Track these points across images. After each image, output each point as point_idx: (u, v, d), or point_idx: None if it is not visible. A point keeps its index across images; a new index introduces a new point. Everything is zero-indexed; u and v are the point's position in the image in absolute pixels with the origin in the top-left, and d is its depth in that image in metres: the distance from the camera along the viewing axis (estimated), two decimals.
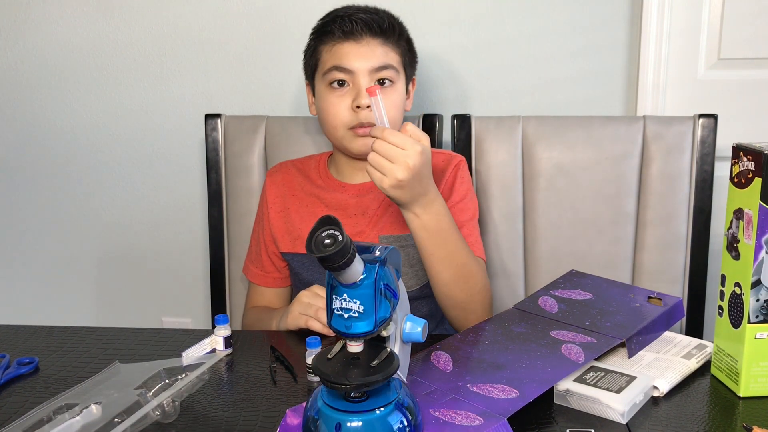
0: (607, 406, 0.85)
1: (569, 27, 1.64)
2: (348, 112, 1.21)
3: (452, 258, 1.10)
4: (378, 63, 1.21)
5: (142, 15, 1.74)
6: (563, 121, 1.47)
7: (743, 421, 0.85)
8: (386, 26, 1.22)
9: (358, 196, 1.29)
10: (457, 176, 1.29)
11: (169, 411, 0.87)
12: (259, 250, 1.36)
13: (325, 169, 1.35)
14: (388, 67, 1.22)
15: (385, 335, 0.81)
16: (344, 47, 1.21)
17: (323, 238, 0.71)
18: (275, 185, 1.36)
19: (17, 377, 0.99)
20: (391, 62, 1.22)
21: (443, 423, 0.81)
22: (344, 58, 1.20)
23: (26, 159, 1.87)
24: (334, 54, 1.22)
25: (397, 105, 1.24)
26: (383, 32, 1.22)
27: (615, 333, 0.99)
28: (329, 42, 1.23)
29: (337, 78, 1.21)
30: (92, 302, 1.95)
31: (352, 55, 1.20)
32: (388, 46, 1.23)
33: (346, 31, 1.21)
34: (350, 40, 1.21)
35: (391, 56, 1.23)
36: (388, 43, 1.23)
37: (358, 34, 1.20)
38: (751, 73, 1.62)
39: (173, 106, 1.78)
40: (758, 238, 0.86)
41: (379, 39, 1.22)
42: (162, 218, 1.87)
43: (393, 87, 1.23)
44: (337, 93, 1.22)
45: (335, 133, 1.24)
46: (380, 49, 1.21)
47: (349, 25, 1.21)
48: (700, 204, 1.42)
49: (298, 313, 1.11)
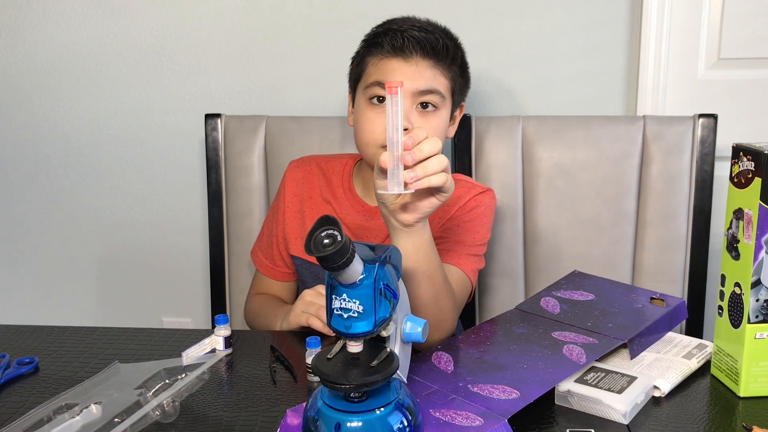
0: (609, 407, 0.85)
1: (569, 27, 1.64)
2: (383, 131, 1.10)
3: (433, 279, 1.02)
4: (424, 86, 1.13)
5: (142, 15, 1.74)
6: (563, 121, 1.47)
7: (743, 421, 0.85)
8: (440, 48, 1.15)
9: (373, 219, 1.25)
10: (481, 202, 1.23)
11: (169, 411, 0.87)
12: (271, 242, 1.33)
13: (348, 178, 1.29)
14: (433, 92, 1.14)
15: (385, 335, 0.81)
16: (391, 63, 1.14)
17: (322, 238, 0.71)
18: (295, 182, 1.31)
19: (17, 377, 0.99)
20: (438, 87, 1.15)
21: (443, 423, 0.81)
22: (389, 74, 1.14)
23: (26, 159, 1.87)
24: (379, 68, 1.16)
25: (437, 131, 1.16)
26: (435, 54, 1.14)
27: (617, 334, 0.99)
28: (377, 55, 1.17)
29: (378, 94, 1.15)
30: (92, 302, 1.95)
31: (398, 73, 1.13)
32: (438, 69, 1.15)
33: (395, 46, 1.14)
34: (399, 56, 1.14)
35: (439, 81, 1.15)
36: (438, 67, 1.15)
37: (408, 52, 1.13)
38: (751, 73, 1.62)
39: (173, 106, 1.78)
40: (758, 238, 0.86)
41: (430, 61, 1.14)
42: (162, 218, 1.86)
43: (436, 113, 1.16)
44: (376, 109, 1.15)
45: (366, 150, 1.18)
46: (429, 72, 1.14)
47: (399, 41, 1.13)
48: (700, 204, 1.42)
49: (300, 311, 1.10)
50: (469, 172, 1.47)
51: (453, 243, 1.18)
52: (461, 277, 1.16)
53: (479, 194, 1.24)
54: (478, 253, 1.22)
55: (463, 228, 1.19)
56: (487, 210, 1.24)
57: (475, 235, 1.21)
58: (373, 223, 1.25)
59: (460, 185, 1.24)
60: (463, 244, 1.18)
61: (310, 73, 1.72)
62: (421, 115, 1.15)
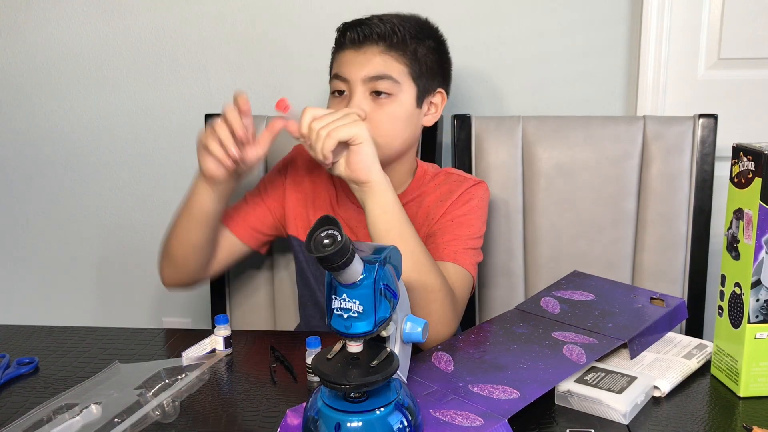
0: (609, 407, 0.85)
1: (569, 27, 1.64)
2: None
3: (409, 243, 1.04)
4: (373, 72, 1.13)
5: (142, 15, 1.74)
6: (563, 121, 1.47)
7: (743, 421, 0.85)
8: (388, 33, 1.15)
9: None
10: (474, 195, 1.23)
11: (169, 411, 0.87)
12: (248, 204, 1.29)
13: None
14: (384, 77, 1.14)
15: (385, 335, 0.81)
16: (346, 55, 1.17)
17: (322, 238, 0.71)
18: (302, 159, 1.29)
19: (17, 377, 0.99)
20: (388, 72, 1.14)
21: (443, 423, 0.81)
22: (343, 66, 1.17)
23: (26, 159, 1.87)
24: (338, 62, 1.19)
25: (394, 118, 1.16)
26: (384, 39, 1.15)
27: (617, 334, 0.99)
28: (338, 51, 1.20)
29: (338, 87, 1.17)
30: (92, 302, 1.95)
31: (350, 63, 1.15)
32: (390, 55, 1.15)
33: (350, 39, 1.17)
34: (352, 48, 1.17)
35: (391, 66, 1.15)
36: (390, 52, 1.15)
37: (360, 41, 1.16)
38: (751, 73, 1.62)
39: (173, 106, 1.78)
40: (758, 238, 0.86)
41: (380, 47, 1.15)
42: (162, 218, 1.85)
43: (390, 99, 1.15)
44: (335, 101, 1.17)
45: None
46: (378, 58, 1.15)
47: (353, 33, 1.17)
48: (700, 204, 1.42)
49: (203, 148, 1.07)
50: (469, 172, 1.47)
51: (449, 239, 1.16)
52: (461, 273, 1.15)
53: (472, 187, 1.23)
54: (476, 246, 1.21)
55: (458, 222, 1.18)
56: (481, 202, 1.23)
57: (471, 228, 1.19)
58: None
59: (452, 179, 1.24)
60: (459, 238, 1.17)
61: (310, 73, 1.72)
62: (375, 102, 1.15)
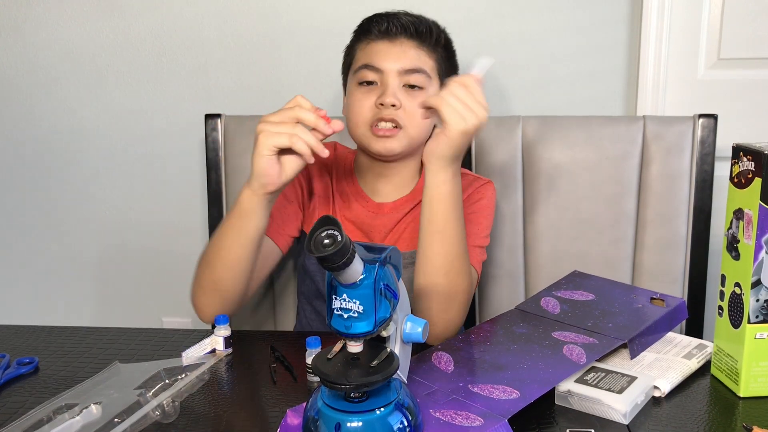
0: (609, 407, 0.85)
1: (569, 27, 1.64)
2: (371, 110, 1.16)
3: (454, 241, 1.06)
4: (409, 65, 1.16)
5: (141, 15, 1.74)
6: (563, 121, 1.47)
7: (743, 421, 0.85)
8: (423, 30, 1.19)
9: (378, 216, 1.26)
10: (484, 194, 1.25)
11: (169, 411, 0.87)
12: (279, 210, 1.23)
13: (351, 167, 1.29)
14: (419, 71, 1.17)
15: (385, 335, 0.81)
16: (377, 46, 1.19)
17: (322, 238, 0.71)
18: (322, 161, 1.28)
19: (17, 377, 0.99)
20: (423, 66, 1.18)
21: (444, 423, 0.81)
22: (375, 56, 1.18)
23: (26, 159, 1.87)
24: (367, 52, 1.20)
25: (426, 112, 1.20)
26: (419, 35, 1.19)
27: (617, 334, 0.99)
28: (365, 40, 1.21)
29: (367, 77, 1.18)
30: (92, 302, 1.95)
31: (384, 54, 1.17)
32: (423, 50, 1.19)
33: (381, 30, 1.19)
34: (384, 39, 1.19)
35: (424, 60, 1.19)
36: (423, 47, 1.19)
37: (393, 34, 1.18)
38: (751, 73, 1.62)
39: (173, 106, 1.78)
40: (758, 238, 0.86)
41: (414, 42, 1.18)
42: (162, 218, 1.86)
43: (422, 92, 1.18)
44: (364, 90, 1.18)
45: (356, 130, 1.19)
46: (413, 51, 1.18)
47: (385, 25, 1.19)
48: (700, 204, 1.42)
49: (270, 131, 0.99)
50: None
51: None
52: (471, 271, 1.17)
53: (481, 186, 1.26)
54: (483, 245, 1.23)
55: (468, 220, 1.19)
56: (489, 201, 1.26)
57: (479, 227, 1.22)
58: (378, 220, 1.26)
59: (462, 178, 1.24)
60: (469, 236, 1.18)
61: (310, 73, 1.72)
62: (408, 94, 1.17)
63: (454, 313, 1.08)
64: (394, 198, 1.26)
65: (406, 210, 1.25)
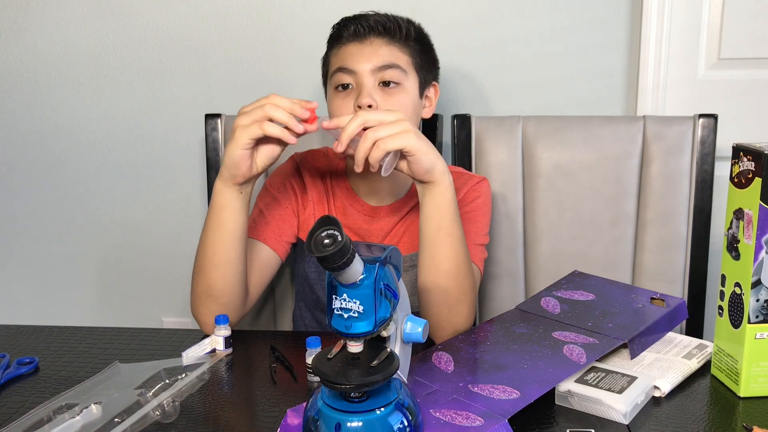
0: (609, 407, 0.85)
1: (569, 27, 1.64)
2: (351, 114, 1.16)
3: (461, 243, 1.07)
4: (381, 62, 1.17)
5: (141, 15, 1.74)
6: (563, 121, 1.47)
7: (743, 421, 0.85)
8: (392, 27, 1.20)
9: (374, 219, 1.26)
10: (481, 192, 1.26)
11: (169, 411, 0.87)
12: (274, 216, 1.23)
13: (343, 173, 1.29)
14: (392, 66, 1.18)
15: (386, 335, 0.81)
16: (349, 48, 1.20)
17: (322, 238, 0.71)
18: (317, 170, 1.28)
19: (17, 377, 0.99)
20: (396, 61, 1.18)
21: (444, 423, 0.81)
22: (348, 58, 1.19)
23: (26, 159, 1.87)
24: (339, 56, 1.21)
25: (404, 107, 1.18)
26: (388, 32, 1.20)
27: (617, 334, 0.99)
28: (337, 45, 1.22)
29: (342, 81, 1.18)
30: (92, 302, 1.95)
31: (356, 55, 1.18)
32: (395, 45, 1.20)
33: (351, 33, 1.20)
34: (355, 41, 1.19)
35: (397, 56, 1.19)
36: (394, 43, 1.20)
37: (362, 35, 1.19)
38: (751, 73, 1.62)
39: (173, 107, 1.78)
40: (758, 238, 0.86)
41: (385, 39, 1.19)
42: (162, 218, 1.86)
43: (399, 88, 1.18)
44: (342, 95, 1.18)
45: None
46: (384, 48, 1.19)
47: (353, 27, 1.20)
48: (700, 204, 1.42)
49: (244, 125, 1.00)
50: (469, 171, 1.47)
51: None
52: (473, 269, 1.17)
53: (477, 184, 1.27)
54: (483, 243, 1.24)
55: (466, 219, 1.20)
56: (486, 199, 1.27)
57: (478, 225, 1.23)
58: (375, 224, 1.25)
59: (457, 177, 1.25)
60: (469, 235, 1.19)
61: (310, 73, 1.72)
62: (384, 92, 1.17)
63: (462, 316, 1.09)
64: (390, 201, 1.26)
65: (402, 213, 1.25)
